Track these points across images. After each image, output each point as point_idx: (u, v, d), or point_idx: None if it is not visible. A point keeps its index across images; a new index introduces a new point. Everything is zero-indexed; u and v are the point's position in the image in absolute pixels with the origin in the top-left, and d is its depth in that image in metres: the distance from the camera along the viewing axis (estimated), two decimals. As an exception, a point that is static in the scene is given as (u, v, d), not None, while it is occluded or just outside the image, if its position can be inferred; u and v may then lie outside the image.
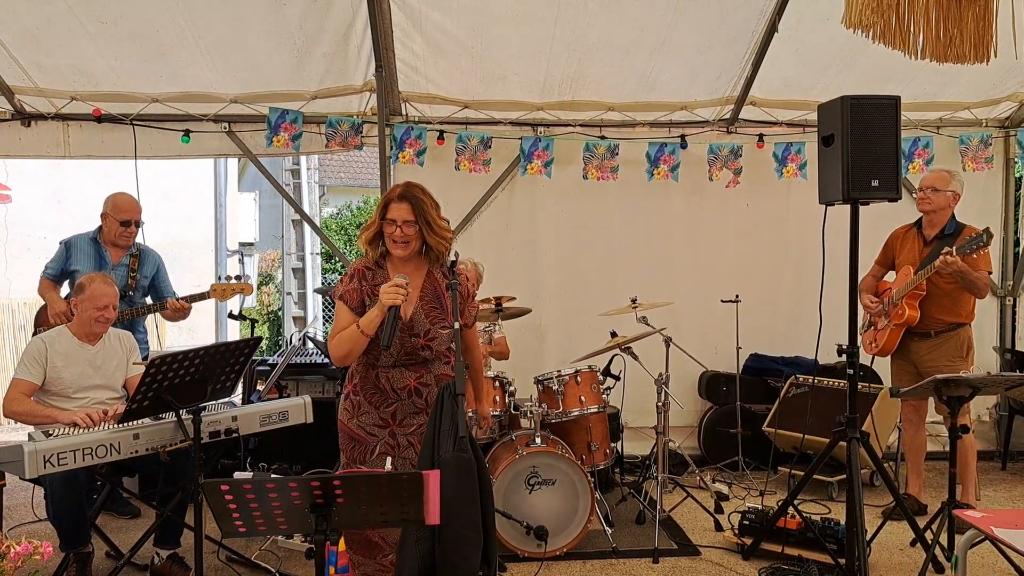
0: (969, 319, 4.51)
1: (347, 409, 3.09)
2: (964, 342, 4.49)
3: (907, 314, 4.43)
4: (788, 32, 4.92)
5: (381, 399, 3.03)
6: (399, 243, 2.99)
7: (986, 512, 2.85)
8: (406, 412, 3.03)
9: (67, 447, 3.24)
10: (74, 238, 4.78)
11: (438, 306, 3.03)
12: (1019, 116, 5.89)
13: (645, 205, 5.84)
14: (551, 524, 4.04)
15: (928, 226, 4.54)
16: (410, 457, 3.01)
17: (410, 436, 3.03)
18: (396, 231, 2.97)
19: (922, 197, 4.48)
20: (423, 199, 3.01)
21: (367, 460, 3.02)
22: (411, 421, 3.03)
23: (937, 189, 4.45)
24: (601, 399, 4.56)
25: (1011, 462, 5.81)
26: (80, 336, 3.98)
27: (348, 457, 3.07)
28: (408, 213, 2.97)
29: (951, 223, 4.47)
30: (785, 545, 3.95)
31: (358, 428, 3.05)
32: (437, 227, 3.03)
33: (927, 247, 4.50)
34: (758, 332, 5.80)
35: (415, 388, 3.02)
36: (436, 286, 3.06)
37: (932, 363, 4.41)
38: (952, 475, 3.67)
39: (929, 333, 4.47)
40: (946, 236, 4.44)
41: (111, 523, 4.56)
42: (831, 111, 3.47)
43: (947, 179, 4.47)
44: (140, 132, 5.35)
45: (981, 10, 2.49)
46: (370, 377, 3.04)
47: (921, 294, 4.42)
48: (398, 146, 5.47)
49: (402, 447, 3.03)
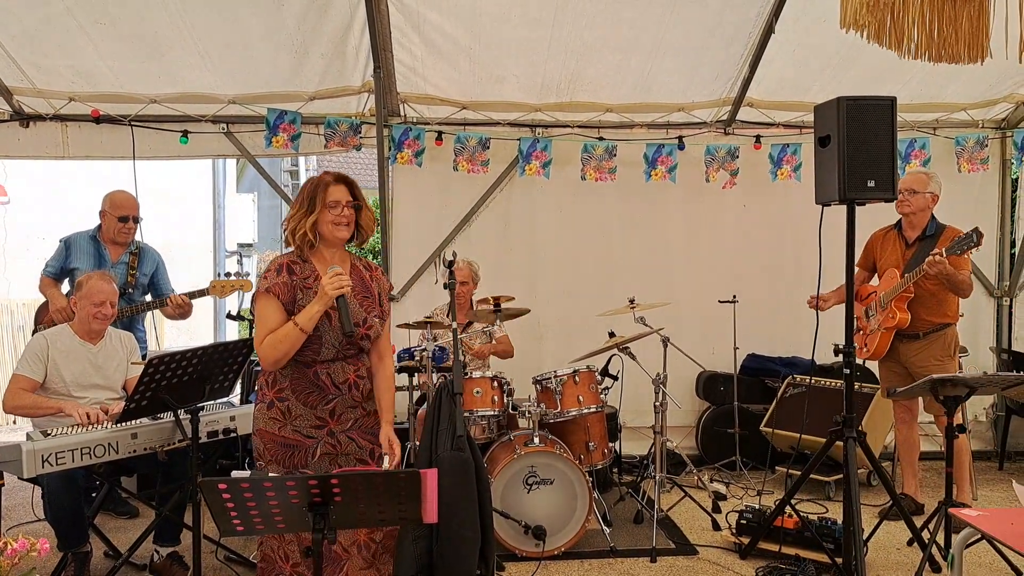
0: (955, 319, 4.54)
1: (275, 418, 2.91)
2: (951, 341, 4.53)
3: (898, 317, 4.45)
4: (785, 33, 4.93)
5: (319, 397, 2.91)
6: (342, 225, 2.91)
7: (983, 511, 2.86)
8: (344, 407, 2.95)
9: (65, 446, 3.25)
10: (74, 236, 4.79)
11: (369, 295, 3.00)
12: (1015, 117, 5.90)
13: (643, 206, 5.85)
14: (549, 523, 4.05)
15: (908, 227, 4.57)
16: (353, 452, 2.94)
17: (348, 432, 2.96)
18: (342, 212, 2.90)
19: (901, 199, 4.47)
20: (355, 183, 3.00)
21: (309, 463, 2.90)
22: (348, 416, 2.96)
23: (915, 191, 4.47)
24: (599, 399, 4.57)
25: (1008, 462, 5.83)
26: (82, 335, 3.98)
27: (285, 466, 2.89)
28: (348, 194, 2.94)
29: (932, 223, 4.50)
30: (782, 544, 3.96)
31: (293, 433, 2.90)
32: (367, 207, 3.01)
33: (909, 249, 4.53)
34: (755, 332, 5.82)
35: (354, 381, 2.96)
36: (361, 275, 3.03)
37: (922, 363, 4.43)
38: (948, 475, 3.68)
39: (917, 334, 4.50)
40: (928, 237, 4.47)
41: (109, 523, 4.56)
42: (828, 112, 3.48)
43: (925, 181, 4.49)
44: (138, 133, 5.36)
45: (976, 10, 2.51)
46: (307, 376, 2.90)
47: (910, 296, 4.44)
48: (396, 147, 5.48)
49: (343, 444, 2.95)
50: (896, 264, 4.54)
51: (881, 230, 4.74)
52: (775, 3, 4.78)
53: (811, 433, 4.75)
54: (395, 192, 5.72)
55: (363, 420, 2.98)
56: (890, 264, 4.57)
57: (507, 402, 4.44)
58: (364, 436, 2.97)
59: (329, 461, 2.93)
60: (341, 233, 2.92)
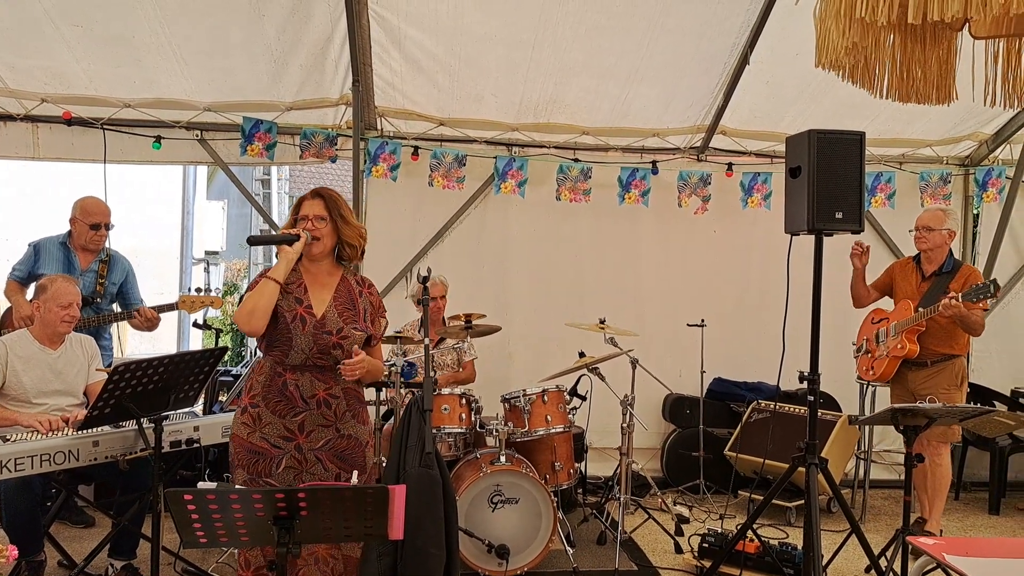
0: (963, 351, 4.68)
1: (245, 423, 2.93)
2: (959, 372, 4.63)
3: (907, 348, 4.57)
4: (759, 65, 5.04)
5: (287, 408, 2.92)
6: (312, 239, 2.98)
7: (939, 539, 2.91)
8: (314, 424, 2.93)
9: (24, 452, 3.18)
10: (43, 241, 4.69)
11: (352, 308, 3.01)
12: (978, 155, 6.08)
13: (616, 228, 5.91)
14: (513, 543, 4.04)
15: (927, 262, 4.70)
16: (318, 473, 2.91)
17: (318, 452, 2.92)
18: (308, 225, 2.97)
19: (919, 236, 4.64)
20: (336, 197, 3.04)
21: (273, 474, 2.89)
22: (320, 435, 2.93)
23: (932, 228, 4.60)
24: (567, 419, 4.58)
25: (964, 492, 5.94)
26: (42, 340, 3.91)
27: (250, 472, 2.90)
28: (321, 209, 2.99)
29: (949, 260, 4.64)
30: (743, 568, 3.99)
31: (260, 440, 2.90)
32: (351, 223, 3.04)
33: (925, 282, 4.67)
34: (722, 357, 5.89)
35: (324, 399, 2.94)
36: (350, 290, 3.05)
37: (929, 391, 4.54)
38: (906, 503, 3.75)
39: (925, 363, 4.61)
40: (944, 273, 4.61)
41: (64, 532, 4.46)
42: (799, 144, 3.55)
43: (941, 218, 4.63)
44: (111, 137, 5.30)
45: (944, 53, 2.59)
46: (276, 384, 2.93)
47: (921, 330, 4.56)
48: (372, 160, 5.48)
49: (309, 463, 2.91)
50: (911, 295, 4.67)
51: (902, 260, 4.94)
52: (750, 36, 4.88)
53: (774, 458, 4.81)
54: (369, 205, 5.72)
55: (336, 442, 2.95)
56: (906, 295, 4.70)
57: (475, 420, 4.44)
58: (333, 460, 2.94)
59: (293, 475, 2.91)
60: (309, 248, 2.96)
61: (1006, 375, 6.10)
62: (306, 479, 2.91)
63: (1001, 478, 5.61)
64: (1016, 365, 6.18)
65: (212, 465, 4.97)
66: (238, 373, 5.44)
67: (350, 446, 2.97)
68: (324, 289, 3.01)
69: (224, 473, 4.87)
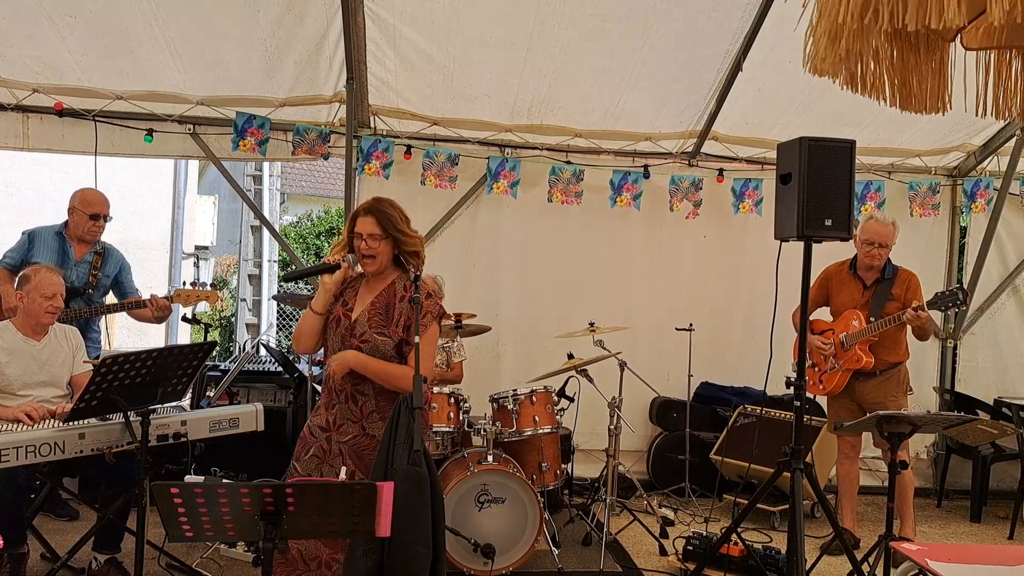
0: (906, 357, 4.73)
1: (315, 410, 3.16)
2: (904, 379, 4.71)
3: (863, 360, 4.58)
4: (752, 72, 5.07)
5: (329, 399, 3.07)
6: (366, 257, 3.04)
7: (922, 545, 2.94)
8: (344, 418, 3.02)
9: (9, 444, 3.16)
10: (38, 230, 4.65)
11: (383, 314, 3.04)
12: (966, 166, 6.13)
13: (607, 231, 5.93)
14: (499, 542, 4.05)
15: (867, 270, 4.68)
16: (336, 466, 2.97)
17: (343, 445, 3.00)
18: (362, 244, 3.02)
19: (871, 252, 4.56)
20: (390, 213, 3.05)
21: (301, 459, 3.05)
22: (348, 429, 3.02)
23: (886, 246, 4.57)
24: (555, 420, 4.59)
25: (947, 500, 5.99)
26: (25, 331, 3.86)
27: (295, 454, 3.11)
28: (373, 227, 3.01)
29: (888, 267, 4.66)
30: (727, 572, 4.02)
31: (307, 426, 3.11)
32: (408, 233, 3.07)
33: (867, 291, 4.66)
34: (710, 361, 5.91)
35: (351, 394, 3.02)
36: (391, 296, 3.06)
37: (877, 400, 4.56)
38: (890, 509, 3.77)
39: (874, 372, 4.63)
40: (885, 280, 4.62)
41: (47, 524, 4.43)
42: (790, 151, 3.57)
43: (893, 234, 4.60)
44: (102, 129, 5.26)
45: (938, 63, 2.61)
46: (328, 377, 3.08)
47: (875, 340, 4.58)
48: (365, 158, 5.47)
49: (332, 454, 3.01)
50: (854, 305, 4.66)
51: (835, 266, 4.84)
52: (744, 43, 4.91)
53: (759, 463, 4.83)
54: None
55: (359, 440, 3.00)
56: (849, 305, 4.69)
57: (463, 419, 4.45)
58: (353, 456, 2.99)
59: (315, 464, 3.01)
60: (365, 266, 3.05)
61: (990, 385, 6.17)
62: (324, 471, 2.99)
63: (983, 486, 5.65)
64: (1000, 375, 6.24)
65: (199, 460, 4.96)
66: (226, 368, 5.42)
67: (371, 446, 2.98)
68: (371, 294, 3.08)
69: (211, 468, 4.86)
